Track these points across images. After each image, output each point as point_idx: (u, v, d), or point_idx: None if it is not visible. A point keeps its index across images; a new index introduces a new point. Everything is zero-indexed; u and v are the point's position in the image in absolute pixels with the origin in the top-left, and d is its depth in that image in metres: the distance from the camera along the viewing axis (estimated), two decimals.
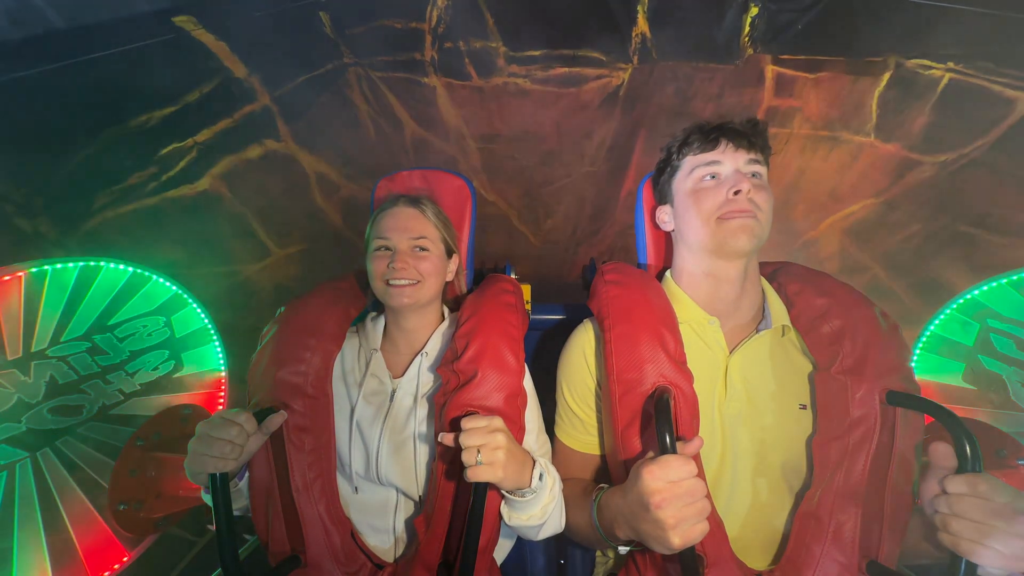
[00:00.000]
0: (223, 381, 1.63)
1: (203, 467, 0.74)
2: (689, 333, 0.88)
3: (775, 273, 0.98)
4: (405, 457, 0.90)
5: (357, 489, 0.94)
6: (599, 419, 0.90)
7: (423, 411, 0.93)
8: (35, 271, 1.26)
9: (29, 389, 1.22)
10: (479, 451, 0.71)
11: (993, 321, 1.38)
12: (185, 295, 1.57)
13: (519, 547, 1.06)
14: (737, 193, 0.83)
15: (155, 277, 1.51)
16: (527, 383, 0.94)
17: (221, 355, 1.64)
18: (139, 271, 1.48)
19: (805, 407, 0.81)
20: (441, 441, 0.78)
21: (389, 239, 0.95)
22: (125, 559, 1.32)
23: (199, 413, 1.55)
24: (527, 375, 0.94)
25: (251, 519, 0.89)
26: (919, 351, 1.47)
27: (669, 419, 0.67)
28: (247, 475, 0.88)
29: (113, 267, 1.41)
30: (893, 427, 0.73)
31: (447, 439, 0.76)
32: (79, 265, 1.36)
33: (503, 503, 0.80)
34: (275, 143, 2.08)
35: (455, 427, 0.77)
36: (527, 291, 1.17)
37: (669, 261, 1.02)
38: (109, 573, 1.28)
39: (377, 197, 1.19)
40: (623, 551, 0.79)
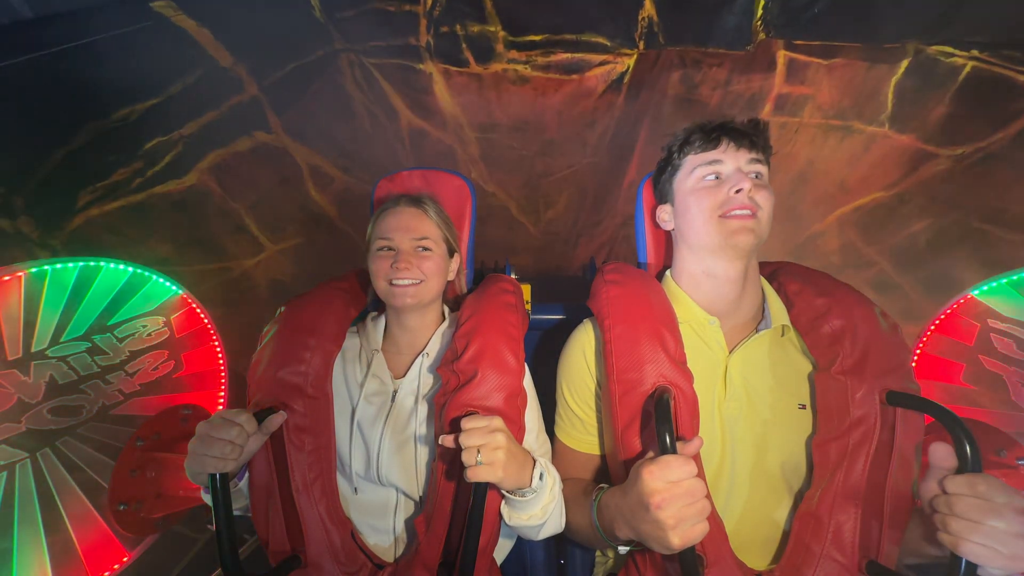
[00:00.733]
0: (223, 381, 1.63)
1: (203, 467, 0.74)
2: (689, 333, 0.88)
3: (775, 273, 0.98)
4: (406, 457, 0.90)
5: (357, 490, 0.94)
6: (599, 419, 0.90)
7: (424, 411, 0.93)
8: (35, 271, 1.26)
9: (29, 389, 1.22)
10: (479, 451, 0.71)
11: (993, 321, 1.38)
12: (184, 294, 1.57)
13: (519, 547, 1.05)
14: (738, 192, 0.83)
15: (155, 277, 1.51)
16: (527, 383, 0.94)
17: (221, 354, 1.64)
18: (139, 271, 1.48)
19: (805, 407, 0.81)
20: (442, 443, 0.78)
21: (392, 239, 0.95)
22: (125, 559, 1.32)
23: (199, 413, 1.55)
24: (527, 375, 0.94)
25: (251, 519, 0.88)
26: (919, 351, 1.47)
27: (669, 419, 0.67)
28: (247, 475, 0.88)
29: (113, 267, 1.41)
30: (893, 427, 0.73)
31: (447, 440, 0.76)
32: (79, 265, 1.36)
33: (503, 503, 0.80)
34: (265, 135, 1.98)
35: (455, 427, 0.77)
36: (527, 291, 1.17)
37: (669, 261, 1.02)
38: (109, 573, 1.28)
39: (377, 197, 1.19)
40: (623, 551, 0.79)
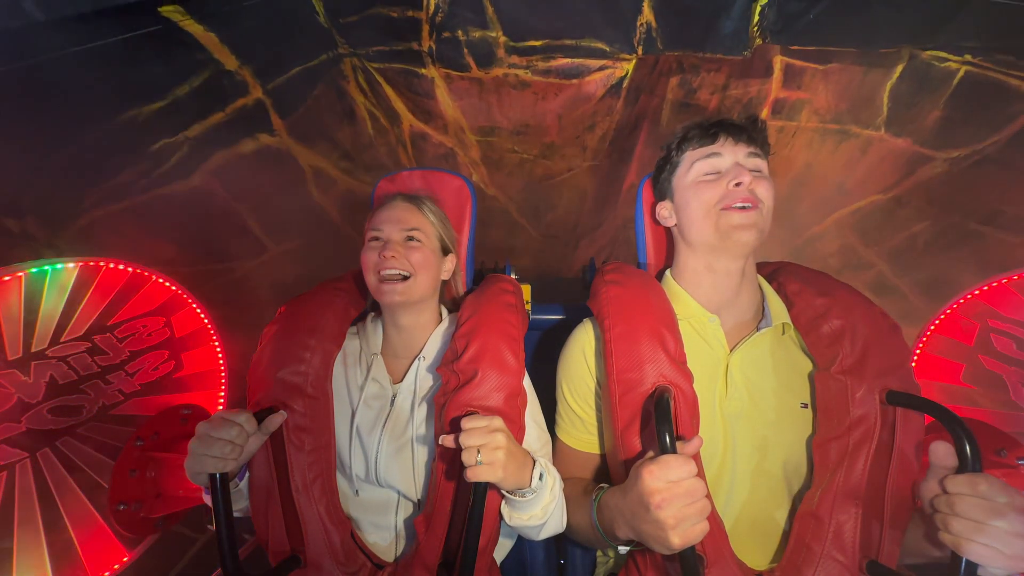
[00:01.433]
0: (223, 381, 1.63)
1: (203, 467, 0.74)
2: (689, 331, 0.88)
3: (775, 273, 0.98)
4: (404, 460, 0.90)
5: (358, 492, 0.94)
6: (599, 418, 0.90)
7: (422, 413, 0.93)
8: (35, 271, 1.25)
9: (29, 389, 1.21)
10: (479, 451, 0.71)
11: (993, 321, 1.38)
12: (184, 294, 1.57)
13: (519, 547, 1.06)
14: (738, 185, 0.83)
15: (155, 277, 1.51)
16: (527, 383, 0.94)
17: (221, 355, 1.64)
18: (139, 271, 1.47)
19: (806, 406, 0.81)
20: (442, 444, 0.78)
21: (381, 230, 0.95)
22: (125, 559, 1.31)
23: (199, 413, 1.55)
24: (527, 375, 0.94)
25: (251, 519, 0.88)
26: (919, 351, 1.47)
27: (669, 419, 0.67)
28: (247, 475, 0.88)
29: (113, 267, 1.41)
30: (893, 427, 0.73)
31: (447, 440, 0.76)
32: (79, 265, 1.36)
33: (503, 503, 0.80)
34: (269, 137, 1.99)
35: (455, 427, 0.77)
36: (527, 291, 1.17)
37: (670, 261, 1.02)
38: (109, 573, 1.28)
39: (377, 197, 1.19)
40: (623, 551, 0.79)
